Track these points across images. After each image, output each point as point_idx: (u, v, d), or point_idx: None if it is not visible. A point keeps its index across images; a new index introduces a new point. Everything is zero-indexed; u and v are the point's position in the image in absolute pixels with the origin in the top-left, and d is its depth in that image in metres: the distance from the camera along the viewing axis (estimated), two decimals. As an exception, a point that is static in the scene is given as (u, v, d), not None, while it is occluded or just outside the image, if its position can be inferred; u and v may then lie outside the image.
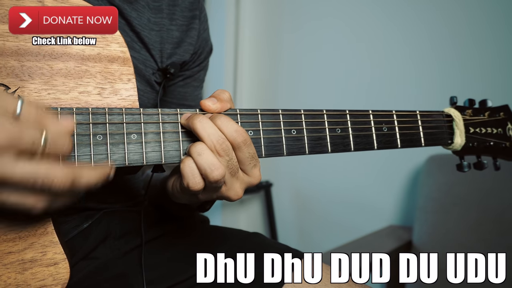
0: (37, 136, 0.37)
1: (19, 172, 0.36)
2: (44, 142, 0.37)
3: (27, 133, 0.36)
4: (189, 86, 0.75)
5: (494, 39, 1.40)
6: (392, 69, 1.58)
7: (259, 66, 1.91)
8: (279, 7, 1.85)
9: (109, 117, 0.47)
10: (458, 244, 1.24)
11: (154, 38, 0.65)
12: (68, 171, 0.38)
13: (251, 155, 0.48)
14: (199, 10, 0.72)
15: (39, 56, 0.46)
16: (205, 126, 0.46)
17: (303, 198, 1.81)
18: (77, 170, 0.39)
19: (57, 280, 0.44)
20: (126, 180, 0.67)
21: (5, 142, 0.35)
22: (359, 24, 1.65)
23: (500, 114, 0.72)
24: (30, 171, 0.36)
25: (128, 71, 0.50)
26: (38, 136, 0.37)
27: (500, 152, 0.71)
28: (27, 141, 0.36)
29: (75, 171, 0.39)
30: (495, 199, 1.25)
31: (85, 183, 0.39)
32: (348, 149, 0.57)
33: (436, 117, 0.67)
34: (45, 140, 0.37)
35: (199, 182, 0.46)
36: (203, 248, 0.62)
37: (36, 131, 0.37)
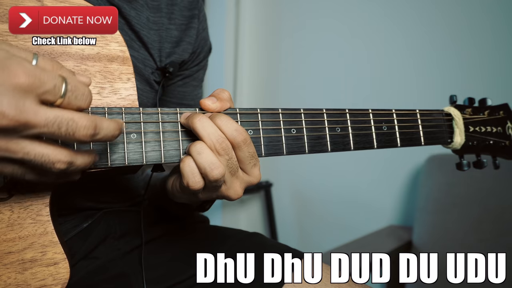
0: (58, 81, 0.36)
1: (43, 116, 0.35)
2: (65, 89, 0.36)
3: (49, 77, 0.35)
4: (188, 86, 0.75)
5: (493, 38, 1.40)
6: (392, 68, 1.58)
7: (259, 66, 1.91)
8: (279, 7, 1.85)
9: (109, 116, 0.47)
10: (458, 244, 1.24)
11: (153, 37, 0.65)
12: (91, 118, 0.37)
13: (251, 154, 0.48)
14: (198, 9, 0.72)
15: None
16: (205, 125, 0.46)
17: (303, 198, 1.81)
18: (99, 120, 0.38)
19: (57, 280, 0.44)
20: (126, 180, 0.67)
21: (28, 82, 0.34)
22: (359, 23, 1.65)
23: (500, 112, 0.72)
24: (53, 116, 0.35)
25: (128, 70, 0.50)
26: (59, 82, 0.36)
27: (500, 151, 0.71)
28: (50, 84, 0.35)
29: (97, 119, 0.38)
30: (495, 199, 1.25)
31: (104, 134, 0.39)
32: (348, 148, 0.57)
33: (435, 116, 0.67)
34: (66, 87, 0.36)
35: (198, 181, 0.46)
36: (203, 248, 0.62)
37: (57, 76, 0.36)
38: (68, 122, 0.36)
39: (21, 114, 0.34)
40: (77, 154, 0.39)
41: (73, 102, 0.37)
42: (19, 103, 0.33)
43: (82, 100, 0.38)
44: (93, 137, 0.38)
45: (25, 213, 0.44)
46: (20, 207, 0.44)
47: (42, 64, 0.37)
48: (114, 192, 0.65)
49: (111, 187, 0.64)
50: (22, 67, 0.34)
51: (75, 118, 0.36)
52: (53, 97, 0.36)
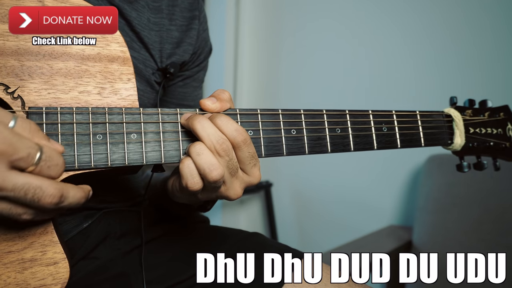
0: (33, 148, 0.37)
1: (11, 181, 0.36)
2: (39, 157, 0.37)
3: (24, 145, 0.36)
4: (189, 86, 0.75)
5: (494, 39, 1.40)
6: (392, 69, 1.58)
7: (259, 66, 1.91)
8: (279, 8, 1.85)
9: (109, 116, 0.47)
10: (458, 244, 1.24)
11: (154, 38, 0.65)
12: (58, 186, 0.38)
13: (251, 155, 0.48)
14: (199, 10, 0.72)
15: (39, 56, 0.46)
16: (205, 126, 0.46)
17: (303, 198, 1.81)
18: (65, 187, 0.39)
19: (57, 279, 0.44)
20: (126, 180, 0.67)
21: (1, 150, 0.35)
22: (359, 24, 1.65)
23: (500, 114, 0.72)
24: (22, 182, 0.36)
25: (128, 71, 0.50)
26: (34, 150, 0.37)
27: (500, 152, 0.71)
28: (23, 153, 0.36)
29: (64, 188, 0.39)
30: (495, 199, 1.25)
31: (70, 201, 0.40)
32: (347, 149, 0.57)
33: (436, 117, 0.67)
34: (40, 155, 0.37)
35: (197, 182, 0.46)
36: (203, 248, 0.62)
37: (33, 144, 0.37)
38: (36, 190, 0.37)
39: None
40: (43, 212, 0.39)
41: (45, 172, 0.38)
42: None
43: (54, 171, 0.39)
44: (58, 205, 0.39)
45: (25, 213, 0.44)
46: (20, 207, 0.44)
47: (19, 129, 0.37)
48: (114, 192, 0.65)
49: (112, 187, 0.64)
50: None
51: (43, 187, 0.37)
52: (26, 164, 0.37)
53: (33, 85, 0.45)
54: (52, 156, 0.38)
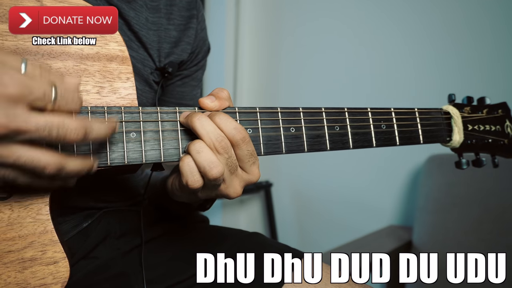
0: (47, 88, 0.37)
1: (34, 122, 0.36)
2: (55, 95, 0.38)
3: (38, 84, 0.37)
4: (187, 86, 0.75)
5: (492, 36, 1.40)
6: (391, 67, 1.58)
7: (259, 66, 1.91)
8: (279, 7, 1.85)
9: (108, 115, 0.47)
10: (458, 244, 1.24)
11: (152, 38, 0.65)
12: (80, 121, 0.39)
13: (250, 153, 0.48)
14: (197, 9, 0.73)
15: (38, 55, 0.46)
16: (204, 124, 0.46)
17: (303, 198, 1.81)
18: (88, 122, 0.39)
19: (57, 278, 0.44)
20: (126, 180, 0.67)
21: (18, 92, 0.35)
22: (358, 23, 1.65)
23: (498, 111, 0.72)
24: (43, 122, 0.37)
25: (127, 70, 0.50)
26: (49, 88, 0.37)
27: (499, 149, 0.71)
28: (39, 92, 0.36)
29: (87, 123, 0.39)
30: (495, 199, 1.25)
31: (95, 135, 0.40)
32: (346, 146, 0.57)
33: (434, 114, 0.67)
34: (55, 93, 0.38)
35: (197, 180, 0.46)
36: (203, 248, 0.62)
37: (46, 83, 0.37)
38: (59, 127, 0.37)
39: (11, 121, 0.35)
40: (68, 158, 0.40)
41: (64, 107, 0.38)
42: (9, 112, 0.35)
43: (72, 104, 0.39)
44: (85, 139, 0.39)
45: (25, 212, 0.44)
46: (20, 206, 0.44)
47: (31, 71, 0.38)
48: (114, 191, 0.65)
49: (111, 187, 0.64)
50: (11, 77, 0.35)
51: (65, 123, 0.38)
52: (43, 103, 0.37)
53: (33, 85, 0.45)
54: (67, 92, 0.39)
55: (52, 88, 0.38)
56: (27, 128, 0.36)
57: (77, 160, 0.41)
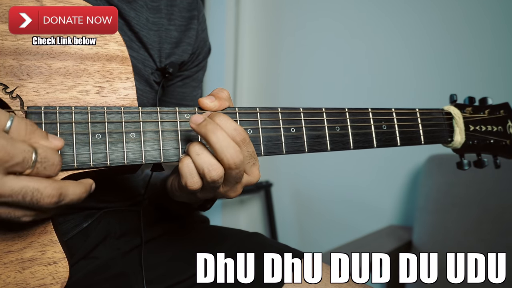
0: (28, 152, 0.37)
1: (8, 187, 0.36)
2: (35, 159, 0.37)
3: (18, 150, 0.36)
4: (188, 86, 0.75)
5: (493, 37, 1.40)
6: (392, 67, 1.58)
7: (259, 66, 1.91)
8: (279, 7, 1.85)
9: (108, 116, 0.47)
10: (458, 244, 1.24)
11: (153, 38, 0.65)
12: (56, 186, 0.38)
13: (250, 154, 0.48)
14: (197, 10, 0.73)
15: (38, 55, 0.46)
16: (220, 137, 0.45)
17: (303, 198, 1.81)
18: (63, 185, 0.39)
19: (57, 279, 0.44)
20: (126, 180, 0.67)
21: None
22: (359, 23, 1.65)
23: (500, 112, 0.72)
24: (19, 187, 0.37)
25: (127, 70, 0.50)
26: (29, 154, 0.37)
27: (500, 150, 0.71)
28: (18, 158, 0.36)
29: (62, 187, 0.39)
30: (495, 199, 1.25)
31: (70, 198, 0.40)
32: (347, 147, 0.57)
33: (435, 115, 0.67)
34: (36, 157, 0.38)
35: (197, 181, 0.46)
36: (203, 248, 0.62)
37: (27, 147, 0.37)
38: (33, 192, 0.37)
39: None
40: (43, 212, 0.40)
41: (42, 172, 0.38)
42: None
43: (50, 170, 0.39)
44: (58, 204, 0.39)
45: (24, 212, 0.44)
46: (19, 207, 0.44)
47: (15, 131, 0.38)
48: (114, 191, 0.65)
49: (111, 187, 0.64)
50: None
51: (40, 188, 0.38)
52: (21, 168, 0.37)
53: (32, 85, 0.45)
54: (47, 157, 0.38)
55: (33, 154, 0.37)
56: (2, 193, 0.36)
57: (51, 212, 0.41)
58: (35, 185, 0.37)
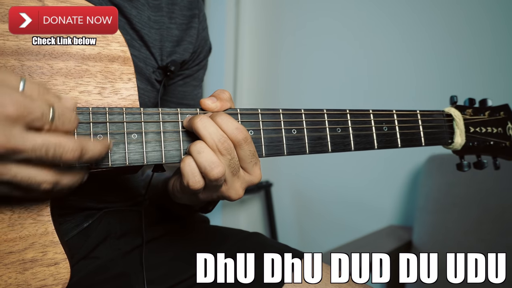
0: (45, 108, 0.38)
1: (31, 142, 0.37)
2: (52, 115, 0.38)
3: (36, 105, 0.37)
4: (189, 86, 0.75)
5: (494, 38, 1.40)
6: (393, 68, 1.58)
7: (259, 66, 1.91)
8: (279, 7, 1.85)
9: (110, 116, 0.47)
10: (458, 244, 1.24)
11: (154, 36, 0.65)
12: (77, 141, 0.39)
13: (251, 153, 0.48)
14: (198, 9, 0.73)
15: (39, 56, 0.46)
16: (206, 125, 0.46)
17: (303, 198, 1.81)
18: (84, 142, 0.40)
19: (58, 280, 0.44)
20: (126, 180, 0.67)
21: (16, 112, 0.36)
22: (360, 24, 1.65)
23: (500, 113, 0.72)
24: (40, 142, 0.37)
25: (129, 71, 0.50)
26: (47, 109, 0.38)
27: (500, 151, 0.71)
28: (37, 112, 0.37)
29: (83, 142, 0.40)
30: (495, 199, 1.25)
31: (91, 155, 0.41)
32: (348, 148, 0.57)
33: (436, 116, 0.67)
34: (53, 113, 0.38)
35: (199, 181, 0.46)
36: (203, 248, 0.62)
37: (44, 104, 0.38)
38: (55, 147, 0.38)
39: (9, 141, 0.36)
40: (63, 174, 0.41)
41: (60, 127, 0.39)
42: (7, 132, 0.36)
43: (69, 125, 0.40)
44: (80, 158, 0.40)
45: (26, 213, 0.44)
46: (21, 207, 0.44)
47: (29, 91, 0.38)
48: (114, 191, 0.65)
49: (112, 187, 0.64)
50: (10, 98, 0.36)
51: (62, 143, 0.38)
52: (41, 123, 0.38)
53: (34, 85, 0.45)
54: (64, 112, 0.39)
55: (50, 108, 0.38)
56: (24, 148, 0.37)
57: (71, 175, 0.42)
58: (56, 140, 0.38)
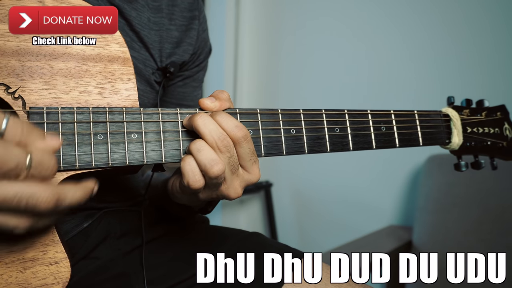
0: (22, 157, 0.36)
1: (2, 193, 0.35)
2: (29, 164, 0.36)
3: (12, 155, 0.35)
4: (188, 87, 0.75)
5: (491, 38, 1.40)
6: (391, 69, 1.58)
7: (259, 67, 1.91)
8: (279, 8, 1.85)
9: (110, 116, 0.47)
10: (458, 244, 1.24)
11: (154, 38, 0.65)
12: (52, 191, 0.37)
13: (251, 151, 0.48)
14: (198, 10, 0.73)
15: (40, 56, 0.46)
16: (206, 122, 0.46)
17: (303, 198, 1.81)
18: (61, 190, 0.38)
19: (58, 279, 0.44)
20: (126, 180, 0.67)
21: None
22: (359, 24, 1.65)
23: (497, 114, 0.72)
24: (13, 192, 0.35)
25: (128, 71, 0.50)
26: (23, 159, 0.36)
27: (497, 151, 0.72)
28: (12, 163, 0.35)
29: (60, 191, 0.38)
30: (495, 199, 1.25)
31: (69, 202, 0.39)
32: (346, 148, 0.58)
33: (433, 116, 0.67)
34: (30, 162, 0.36)
35: (199, 179, 0.46)
36: (203, 248, 0.62)
37: (21, 152, 0.36)
38: (28, 198, 0.36)
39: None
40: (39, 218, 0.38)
41: (37, 176, 0.37)
42: None
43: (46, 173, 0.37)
44: (56, 208, 0.38)
45: (26, 212, 0.44)
46: (21, 207, 0.44)
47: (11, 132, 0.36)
48: (114, 191, 0.65)
49: (112, 187, 0.64)
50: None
51: (36, 194, 0.36)
52: (15, 174, 0.36)
53: (34, 85, 0.46)
54: (42, 161, 0.37)
55: (28, 157, 0.36)
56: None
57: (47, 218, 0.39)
58: (29, 190, 0.36)
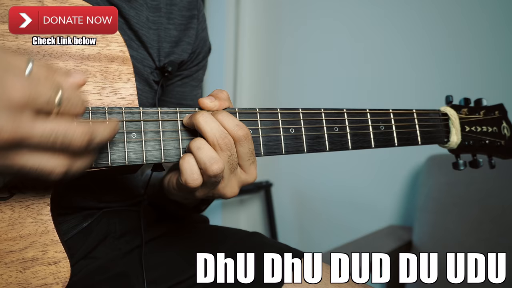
0: (52, 93, 0.36)
1: (38, 130, 0.35)
2: (60, 100, 0.37)
3: (43, 90, 0.35)
4: (188, 86, 0.75)
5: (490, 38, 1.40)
6: (389, 68, 1.58)
7: (259, 66, 1.91)
8: (279, 7, 1.85)
9: (109, 116, 0.47)
10: (458, 244, 1.24)
11: (152, 37, 0.65)
12: (85, 127, 0.38)
13: (251, 151, 0.48)
14: (197, 9, 0.73)
15: (39, 56, 0.46)
16: (208, 120, 0.46)
17: (303, 198, 1.81)
18: (93, 126, 0.39)
19: (58, 278, 0.44)
20: (126, 180, 0.67)
21: (22, 100, 0.34)
22: (358, 24, 1.65)
23: (495, 112, 0.72)
24: (49, 129, 0.36)
25: (128, 71, 0.50)
26: (54, 93, 0.36)
27: (495, 150, 0.72)
28: (44, 98, 0.35)
29: (92, 127, 0.38)
30: (495, 199, 1.25)
31: (99, 140, 0.39)
32: (345, 147, 0.58)
33: (432, 115, 0.67)
34: (61, 97, 0.37)
35: (197, 178, 0.46)
36: (203, 248, 0.62)
37: (50, 89, 0.36)
38: (64, 134, 0.36)
39: (17, 129, 0.34)
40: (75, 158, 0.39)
41: (68, 111, 0.38)
42: (15, 119, 0.34)
43: (77, 108, 0.38)
44: (89, 144, 0.38)
45: (26, 212, 0.44)
46: (21, 206, 0.44)
47: (36, 73, 0.36)
48: (114, 191, 0.65)
49: (111, 187, 0.64)
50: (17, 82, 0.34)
51: (70, 129, 0.37)
52: (48, 109, 0.36)
53: (33, 85, 0.46)
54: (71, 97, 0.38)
55: (58, 92, 0.36)
56: (32, 136, 0.35)
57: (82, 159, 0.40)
58: (65, 127, 0.36)
